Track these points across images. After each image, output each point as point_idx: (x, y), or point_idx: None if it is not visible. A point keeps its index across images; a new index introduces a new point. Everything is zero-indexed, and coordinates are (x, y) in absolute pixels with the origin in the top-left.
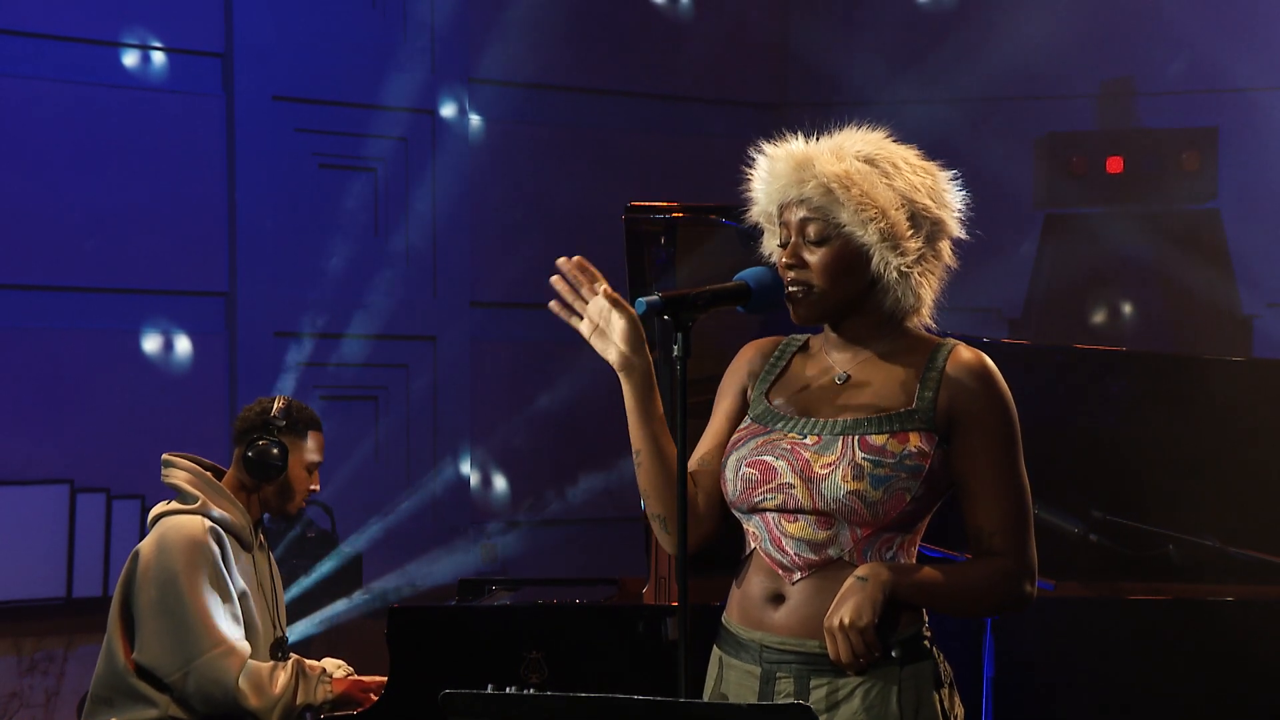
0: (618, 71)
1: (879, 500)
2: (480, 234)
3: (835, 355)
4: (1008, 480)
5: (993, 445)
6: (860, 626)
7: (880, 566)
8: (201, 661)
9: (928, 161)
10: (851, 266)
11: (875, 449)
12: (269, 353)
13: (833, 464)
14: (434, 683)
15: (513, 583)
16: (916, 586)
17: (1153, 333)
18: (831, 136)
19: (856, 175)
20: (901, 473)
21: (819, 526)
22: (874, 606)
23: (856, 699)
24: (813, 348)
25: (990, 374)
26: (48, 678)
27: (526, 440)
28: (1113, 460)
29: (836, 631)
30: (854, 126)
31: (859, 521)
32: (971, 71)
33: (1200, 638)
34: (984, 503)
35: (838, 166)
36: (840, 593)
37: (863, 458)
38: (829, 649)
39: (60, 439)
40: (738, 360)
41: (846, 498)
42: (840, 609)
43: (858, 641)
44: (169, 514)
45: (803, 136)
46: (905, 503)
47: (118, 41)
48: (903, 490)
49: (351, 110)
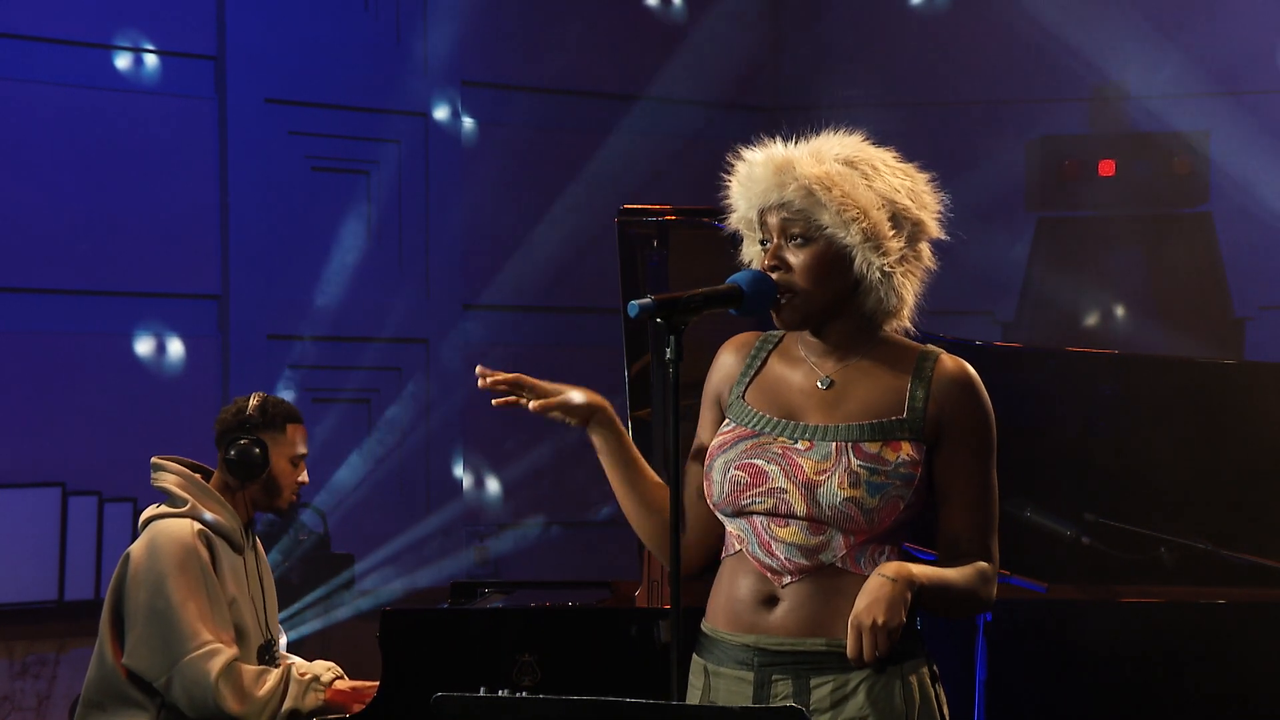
0: (610, 75)
1: (875, 508)
2: (473, 237)
3: (815, 359)
4: (986, 487)
5: (976, 455)
6: (892, 627)
7: (904, 567)
8: (184, 663)
9: (906, 164)
10: (834, 268)
11: (871, 456)
12: (262, 356)
13: (828, 470)
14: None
15: (506, 586)
16: (933, 589)
17: (1145, 336)
18: (809, 140)
19: (837, 177)
20: (896, 480)
21: (811, 532)
22: (905, 608)
23: (861, 695)
24: (789, 348)
25: (976, 384)
26: (39, 681)
27: (519, 443)
28: (1105, 463)
29: (866, 630)
30: (831, 130)
31: (853, 529)
32: (964, 75)
33: (1192, 640)
34: (962, 509)
35: (818, 169)
36: (868, 590)
37: (859, 465)
38: (850, 644)
39: (52, 442)
40: (713, 371)
41: (844, 505)
42: (874, 608)
43: (884, 642)
44: (159, 517)
45: (781, 140)
46: (899, 510)
47: (110, 44)
48: (897, 498)
49: (344, 113)
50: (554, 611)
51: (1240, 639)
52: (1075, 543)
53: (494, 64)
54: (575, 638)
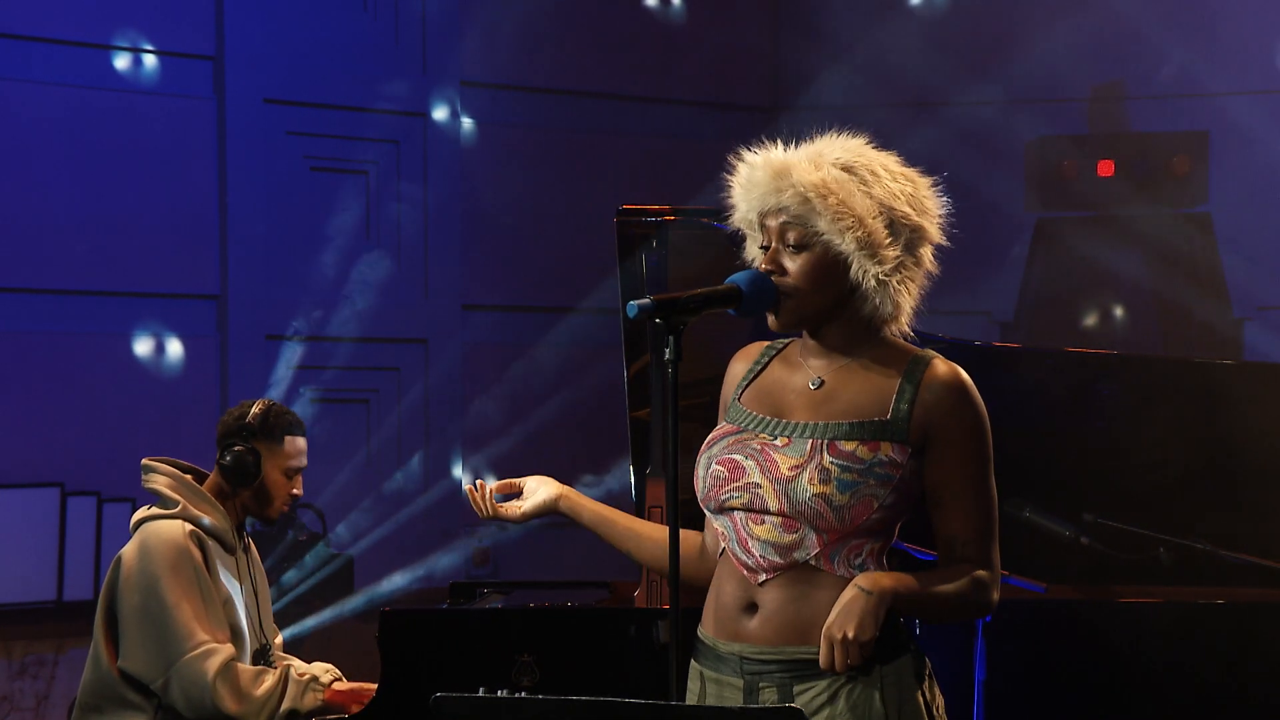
0: (609, 75)
1: (845, 505)
2: (472, 237)
3: (812, 361)
4: (980, 492)
5: (967, 459)
6: (863, 640)
7: (881, 577)
8: (181, 664)
9: (908, 168)
10: (831, 273)
11: (844, 454)
12: (260, 356)
13: (800, 466)
14: (425, 686)
15: (504, 586)
16: (911, 598)
17: (1143, 336)
18: (811, 143)
19: (834, 184)
20: (870, 479)
21: (785, 529)
22: (876, 621)
23: (841, 701)
24: (791, 353)
25: (966, 389)
26: (38, 681)
27: (518, 443)
28: (1104, 463)
29: (838, 643)
30: (834, 133)
31: (824, 526)
32: (964, 75)
33: (1192, 640)
34: (957, 514)
35: (815, 175)
36: (842, 603)
37: (830, 461)
38: (822, 656)
39: (51, 442)
40: (725, 383)
41: (812, 500)
42: (845, 621)
43: (855, 654)
44: (150, 519)
45: (782, 143)
46: (872, 509)
47: (109, 44)
48: (870, 497)
49: (343, 113)
50: (553, 612)
51: (1240, 639)
52: (1074, 543)
53: (493, 64)
54: (574, 638)
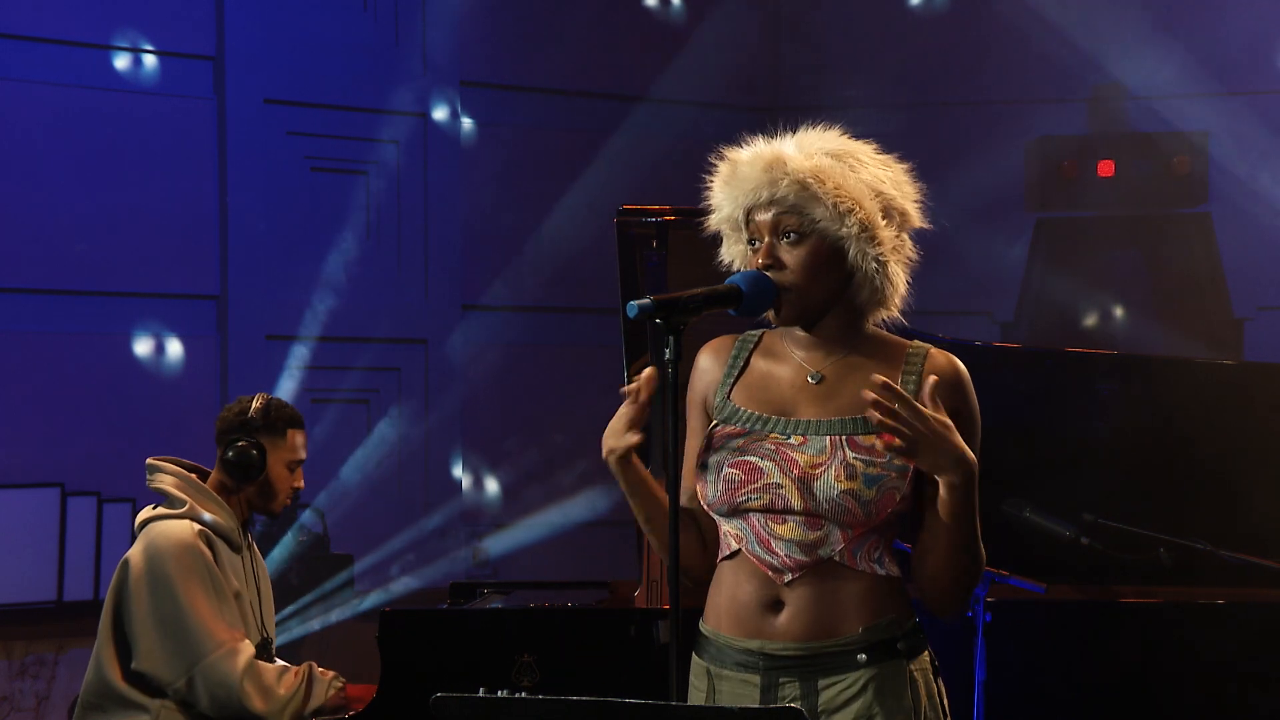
0: (610, 75)
1: (872, 500)
2: (472, 237)
3: (801, 354)
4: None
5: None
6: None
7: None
8: (205, 664)
9: (884, 155)
10: (829, 261)
11: (865, 449)
12: (260, 356)
13: (824, 464)
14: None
15: (504, 586)
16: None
17: (1144, 336)
18: (790, 136)
19: (828, 169)
20: (891, 472)
21: (809, 527)
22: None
23: (870, 693)
24: (771, 346)
25: (966, 380)
26: (38, 681)
27: (518, 443)
28: (1104, 463)
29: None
30: (807, 126)
31: (851, 522)
32: (964, 75)
33: (1191, 640)
34: None
35: (808, 163)
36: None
37: (854, 457)
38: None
39: (51, 442)
40: (694, 378)
41: (840, 498)
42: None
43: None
44: (156, 519)
45: (763, 139)
46: (895, 502)
47: (109, 44)
48: (893, 489)
49: (343, 113)
50: (553, 612)
51: (1240, 639)
52: (1074, 543)
53: (493, 64)
54: (574, 638)
